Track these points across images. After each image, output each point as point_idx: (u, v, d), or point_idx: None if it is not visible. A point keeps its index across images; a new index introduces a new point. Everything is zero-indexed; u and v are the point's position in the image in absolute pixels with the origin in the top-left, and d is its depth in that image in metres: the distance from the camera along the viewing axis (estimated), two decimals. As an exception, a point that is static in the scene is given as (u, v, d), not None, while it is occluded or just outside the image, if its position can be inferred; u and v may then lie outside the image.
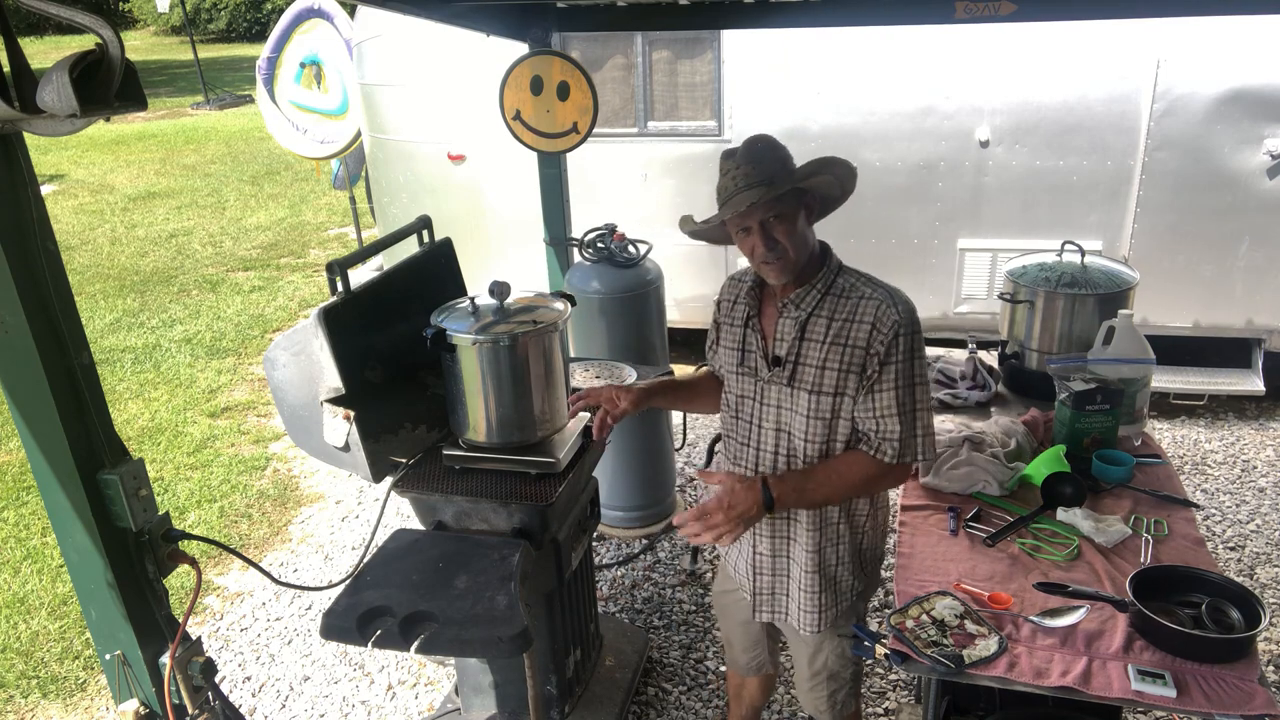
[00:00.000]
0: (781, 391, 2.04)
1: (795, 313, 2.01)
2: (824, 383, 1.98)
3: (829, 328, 1.97)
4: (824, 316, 1.98)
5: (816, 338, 1.98)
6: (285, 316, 7.32)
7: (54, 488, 1.70)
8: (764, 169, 1.89)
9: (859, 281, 2.00)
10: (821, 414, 1.99)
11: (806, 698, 2.35)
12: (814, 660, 2.25)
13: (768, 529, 2.14)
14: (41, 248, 1.58)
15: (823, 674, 2.26)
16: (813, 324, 1.99)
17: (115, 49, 1.40)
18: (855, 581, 2.16)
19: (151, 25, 31.72)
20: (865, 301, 1.95)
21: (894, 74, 4.85)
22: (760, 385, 2.08)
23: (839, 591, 2.15)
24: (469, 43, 4.06)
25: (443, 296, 2.60)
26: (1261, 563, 3.80)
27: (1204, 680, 1.86)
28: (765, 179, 1.88)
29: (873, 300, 1.95)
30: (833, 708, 2.30)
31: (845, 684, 2.28)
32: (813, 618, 2.15)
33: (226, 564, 4.15)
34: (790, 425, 2.05)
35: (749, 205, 1.86)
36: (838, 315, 1.97)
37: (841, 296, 1.98)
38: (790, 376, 2.01)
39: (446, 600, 2.09)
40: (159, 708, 1.88)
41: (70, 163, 13.64)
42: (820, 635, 2.19)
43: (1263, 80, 4.40)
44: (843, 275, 2.02)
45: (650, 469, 4.18)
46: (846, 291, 1.99)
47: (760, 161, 1.90)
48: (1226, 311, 4.83)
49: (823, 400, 1.98)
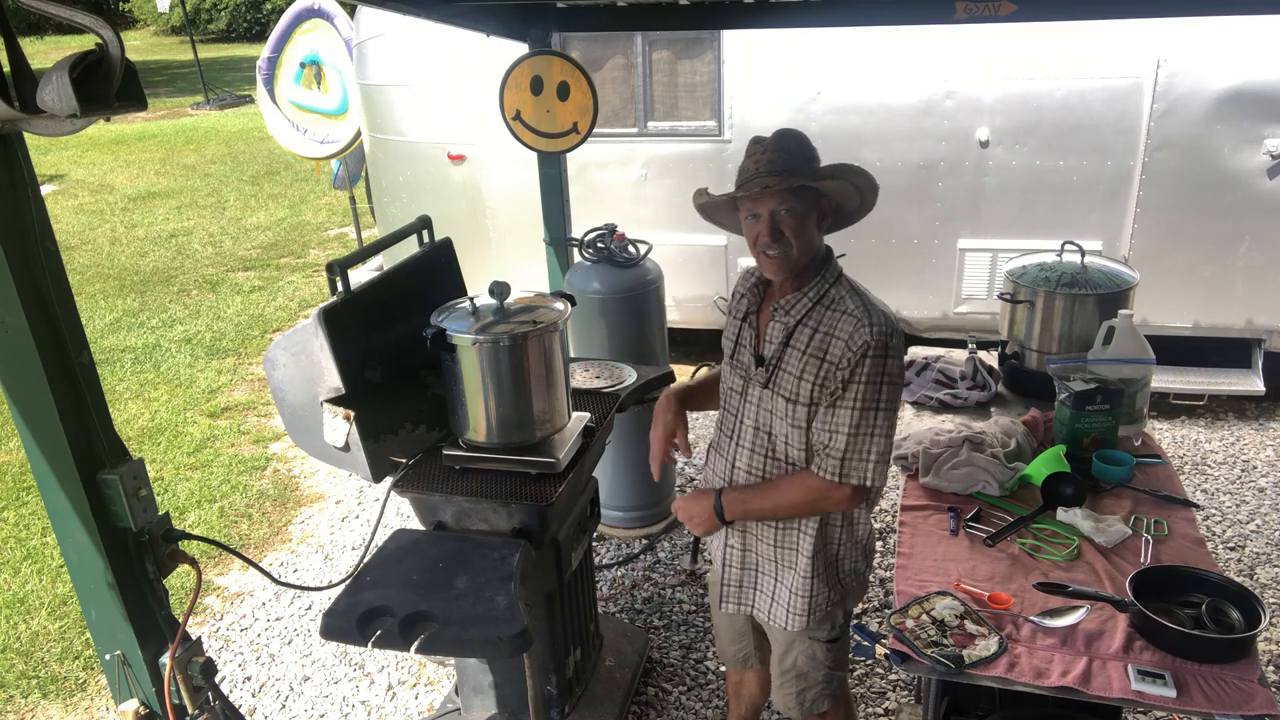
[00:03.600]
0: (761, 392, 2.05)
1: (784, 318, 2.01)
2: (800, 392, 1.98)
3: (811, 339, 1.97)
4: (809, 327, 1.98)
5: (799, 346, 1.98)
6: (285, 316, 7.32)
7: (54, 488, 1.70)
8: (787, 159, 1.89)
9: (846, 295, 1.98)
10: (797, 422, 2.00)
11: (777, 694, 2.36)
12: (784, 658, 2.26)
13: (739, 523, 2.16)
14: (41, 248, 1.57)
15: (791, 672, 2.27)
16: (799, 332, 1.99)
17: (115, 49, 1.40)
18: (831, 592, 2.14)
19: (151, 25, 31.71)
20: (845, 318, 1.93)
21: (894, 74, 4.85)
22: (745, 381, 2.10)
23: (810, 596, 2.12)
24: (469, 43, 4.06)
25: (443, 296, 2.60)
26: (1261, 563, 3.80)
27: (1204, 680, 1.86)
28: (785, 169, 1.88)
29: (850, 317, 1.92)
30: (800, 705, 2.30)
31: (815, 685, 2.27)
32: (782, 614, 2.16)
33: (226, 564, 4.15)
34: (769, 426, 2.06)
35: (763, 189, 1.86)
36: (821, 327, 1.96)
37: (829, 309, 1.97)
38: (769, 380, 2.03)
39: (446, 600, 2.10)
40: (159, 708, 1.88)
41: (70, 163, 13.63)
42: (790, 635, 2.20)
43: (1263, 80, 4.40)
44: (836, 286, 2.00)
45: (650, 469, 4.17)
46: (833, 304, 1.97)
47: (786, 152, 1.90)
48: (1226, 311, 4.83)
49: (798, 409, 1.99)
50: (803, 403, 1.98)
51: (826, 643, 2.21)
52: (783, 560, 2.14)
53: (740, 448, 2.12)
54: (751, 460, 2.10)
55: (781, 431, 2.03)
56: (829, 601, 2.14)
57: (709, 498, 2.12)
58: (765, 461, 2.08)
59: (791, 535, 2.11)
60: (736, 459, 2.13)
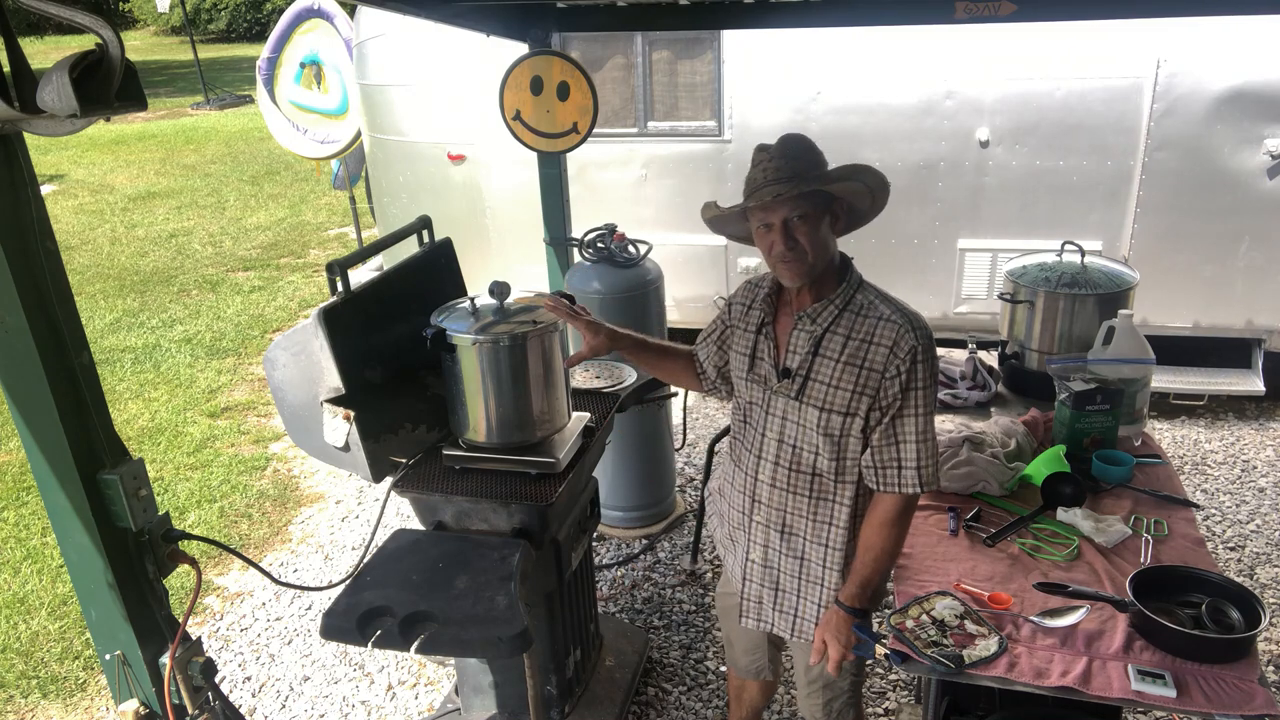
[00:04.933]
0: (788, 404, 2.02)
1: (811, 327, 1.98)
2: (835, 401, 1.95)
3: (844, 346, 1.94)
4: (840, 334, 1.95)
5: (831, 355, 1.95)
6: (285, 316, 7.32)
7: (54, 488, 1.70)
8: (795, 165, 1.86)
9: (878, 300, 1.96)
10: (830, 432, 1.97)
11: (804, 704, 2.36)
12: (811, 669, 2.25)
13: (761, 537, 2.14)
14: (41, 248, 1.57)
15: (818, 683, 2.26)
16: (828, 340, 1.96)
17: (115, 49, 1.40)
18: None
19: (151, 25, 31.71)
20: (884, 324, 1.91)
21: (894, 74, 4.85)
22: (768, 394, 2.06)
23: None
24: (469, 43, 4.06)
25: (443, 296, 2.60)
26: (1261, 563, 3.80)
27: (1204, 680, 1.86)
28: (795, 174, 1.85)
29: (891, 323, 1.91)
30: (829, 714, 2.30)
31: (841, 694, 2.27)
32: (809, 627, 2.15)
33: (226, 564, 4.15)
34: (796, 439, 2.03)
35: (775, 197, 1.83)
36: (855, 334, 1.94)
37: (859, 315, 1.95)
38: (799, 391, 1.99)
39: (446, 600, 2.09)
40: (159, 708, 1.88)
41: (70, 163, 13.63)
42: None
43: (1263, 80, 4.40)
44: (861, 291, 1.98)
45: (650, 469, 4.18)
46: (864, 310, 1.95)
47: (793, 157, 1.87)
48: (1226, 311, 4.83)
49: (833, 419, 1.96)
50: (838, 411, 1.95)
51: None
52: (807, 575, 2.12)
53: (763, 461, 2.09)
54: (775, 473, 2.07)
55: (810, 443, 2.00)
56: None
57: (834, 615, 2.04)
58: (790, 475, 2.05)
59: (817, 550, 2.09)
60: (759, 472, 2.10)
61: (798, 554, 2.11)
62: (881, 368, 1.90)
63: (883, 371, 1.90)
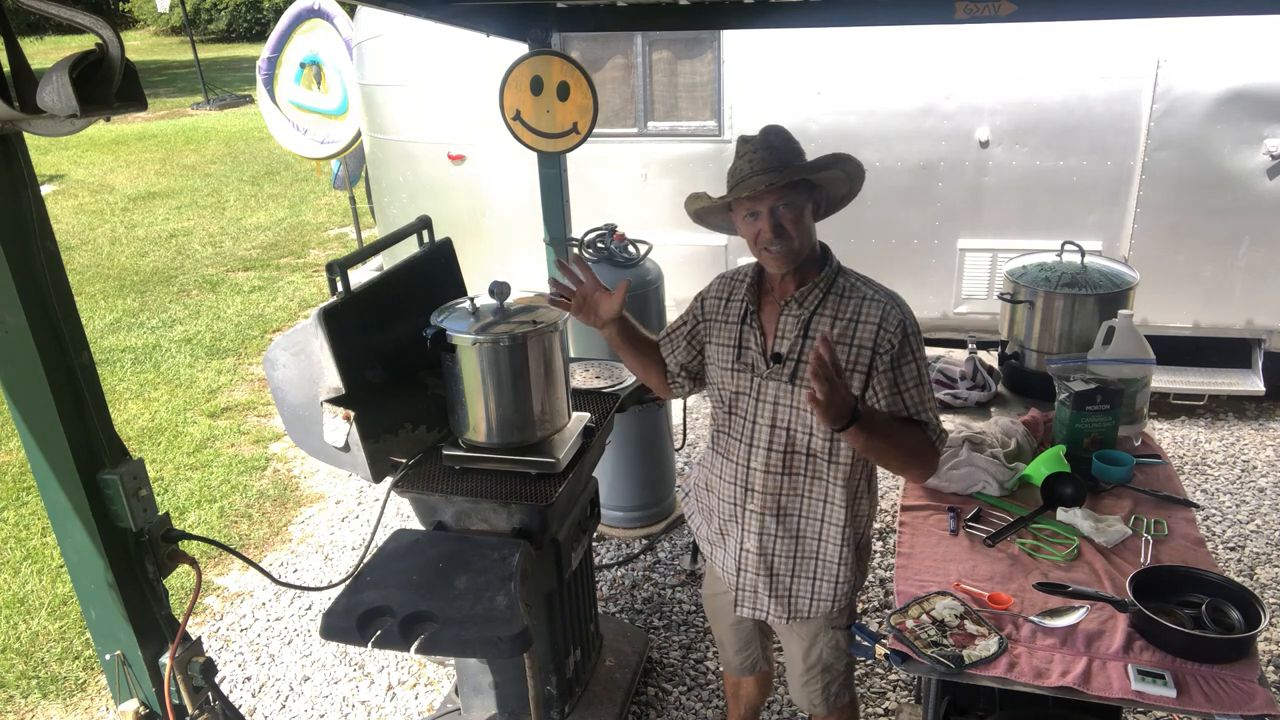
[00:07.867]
0: (780, 388, 2.05)
1: (798, 311, 2.03)
2: None
3: (833, 327, 2.00)
4: (827, 315, 2.01)
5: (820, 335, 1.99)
6: (285, 316, 7.32)
7: (54, 488, 1.70)
8: (781, 155, 1.94)
9: (859, 282, 2.05)
10: None
11: (800, 693, 2.35)
12: (809, 654, 2.26)
13: (755, 525, 2.15)
14: (41, 248, 1.57)
15: (817, 667, 2.27)
16: (816, 323, 2.01)
17: (115, 49, 1.40)
18: (852, 575, 2.16)
19: (151, 25, 31.70)
20: (869, 303, 1.99)
21: (894, 74, 4.85)
22: (757, 381, 2.08)
23: (836, 582, 2.15)
24: (469, 43, 4.06)
25: (443, 297, 2.60)
26: (1261, 563, 3.80)
27: (1204, 680, 1.86)
28: (782, 164, 1.93)
29: (876, 302, 1.99)
30: (826, 700, 2.31)
31: (838, 677, 2.30)
32: (806, 605, 2.16)
33: (226, 564, 4.15)
34: (790, 422, 2.06)
35: (765, 186, 1.89)
36: (841, 315, 2.00)
37: (844, 296, 2.02)
38: (792, 374, 2.03)
39: (446, 600, 2.10)
40: (159, 708, 1.88)
41: (70, 163, 13.63)
42: (814, 627, 2.21)
43: (1263, 80, 4.40)
44: (842, 275, 2.06)
45: (650, 469, 4.18)
46: (848, 291, 2.02)
47: (778, 148, 1.95)
48: (1226, 311, 4.83)
49: None
50: None
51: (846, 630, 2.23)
52: (803, 552, 2.14)
53: (755, 449, 2.10)
54: (769, 459, 2.09)
55: (804, 425, 2.04)
56: (849, 583, 2.16)
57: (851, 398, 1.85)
58: (785, 457, 2.08)
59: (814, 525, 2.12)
60: (751, 460, 2.11)
61: (794, 533, 2.14)
62: (872, 344, 1.96)
63: (874, 348, 1.96)
